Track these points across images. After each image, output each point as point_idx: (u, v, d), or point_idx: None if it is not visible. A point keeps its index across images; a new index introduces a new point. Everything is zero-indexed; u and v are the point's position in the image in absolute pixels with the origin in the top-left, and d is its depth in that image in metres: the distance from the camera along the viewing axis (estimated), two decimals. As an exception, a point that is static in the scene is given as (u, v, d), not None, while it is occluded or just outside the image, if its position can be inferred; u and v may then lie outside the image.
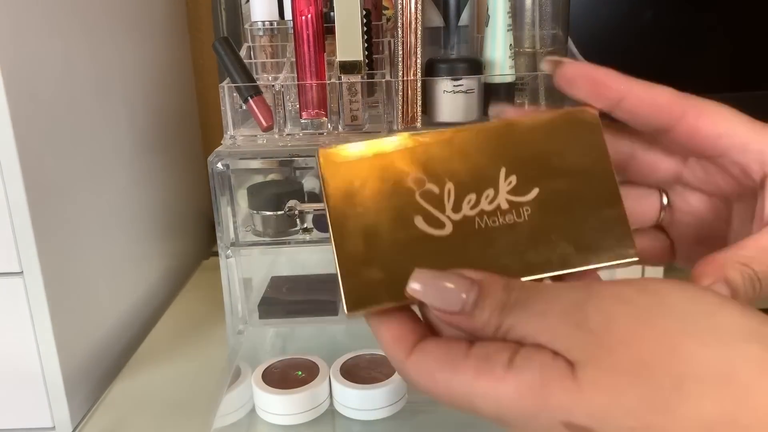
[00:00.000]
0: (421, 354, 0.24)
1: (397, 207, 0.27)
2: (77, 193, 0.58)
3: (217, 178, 0.52)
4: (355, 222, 0.27)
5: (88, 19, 0.62)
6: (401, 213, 0.27)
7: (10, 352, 0.53)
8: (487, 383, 0.23)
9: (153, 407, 0.58)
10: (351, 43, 0.53)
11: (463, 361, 0.23)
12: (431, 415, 0.54)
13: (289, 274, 0.61)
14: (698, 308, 0.22)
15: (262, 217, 0.55)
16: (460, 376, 0.23)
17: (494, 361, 0.23)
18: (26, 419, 0.55)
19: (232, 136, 0.54)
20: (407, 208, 0.27)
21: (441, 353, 0.24)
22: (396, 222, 0.27)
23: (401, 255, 0.26)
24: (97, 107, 0.63)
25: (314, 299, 0.58)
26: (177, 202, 0.83)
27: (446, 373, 0.24)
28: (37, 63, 0.52)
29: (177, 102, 0.85)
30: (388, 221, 0.27)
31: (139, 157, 0.72)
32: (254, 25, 0.60)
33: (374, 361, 0.55)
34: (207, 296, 0.77)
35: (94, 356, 0.60)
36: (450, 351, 0.24)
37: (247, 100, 0.53)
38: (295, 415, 0.52)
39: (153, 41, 0.78)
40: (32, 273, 0.51)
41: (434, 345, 0.25)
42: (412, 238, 0.27)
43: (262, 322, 0.57)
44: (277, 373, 0.54)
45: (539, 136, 0.28)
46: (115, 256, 0.66)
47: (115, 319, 0.65)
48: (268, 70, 0.60)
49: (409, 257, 0.26)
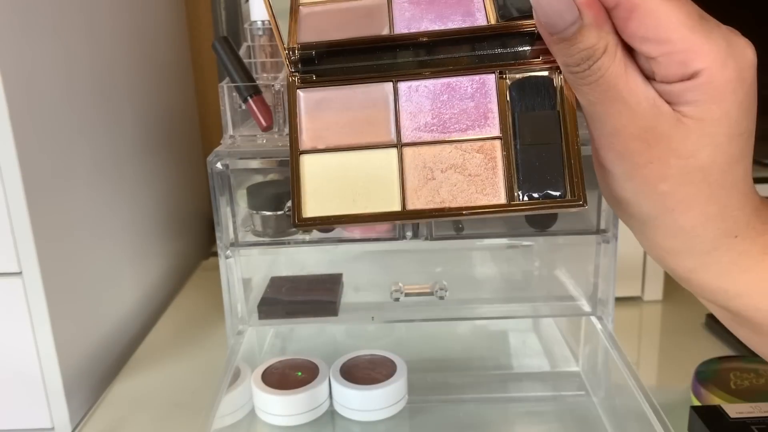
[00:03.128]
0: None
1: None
2: (76, 193, 0.58)
3: (216, 178, 0.52)
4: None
5: (87, 18, 0.62)
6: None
7: (9, 353, 0.53)
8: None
9: (152, 408, 0.57)
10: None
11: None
12: (431, 415, 0.54)
13: (288, 274, 0.61)
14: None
15: (262, 217, 0.55)
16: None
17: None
18: (25, 420, 0.55)
19: (232, 135, 0.54)
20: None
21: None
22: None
23: None
24: (96, 107, 0.62)
25: (314, 299, 0.58)
26: (176, 202, 0.83)
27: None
28: (35, 62, 0.52)
29: (176, 102, 0.85)
30: None
31: (139, 157, 0.72)
32: (254, 24, 0.59)
33: (374, 362, 0.55)
34: (206, 296, 0.77)
35: (93, 356, 0.60)
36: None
37: (247, 99, 0.53)
38: (294, 415, 0.52)
39: (152, 41, 0.78)
40: (31, 273, 0.51)
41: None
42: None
43: (262, 323, 0.57)
44: (276, 374, 0.54)
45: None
46: (114, 256, 0.66)
47: (115, 320, 0.65)
48: (268, 70, 0.60)
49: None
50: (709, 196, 0.29)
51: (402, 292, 0.57)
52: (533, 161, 0.30)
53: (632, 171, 0.29)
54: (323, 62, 0.33)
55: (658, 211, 0.30)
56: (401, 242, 0.54)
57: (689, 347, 0.64)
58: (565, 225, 0.54)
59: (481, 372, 0.60)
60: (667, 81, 0.27)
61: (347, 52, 0.32)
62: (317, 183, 0.31)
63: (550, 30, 0.28)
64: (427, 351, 0.63)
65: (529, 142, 0.31)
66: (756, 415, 0.41)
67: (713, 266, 0.30)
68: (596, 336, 0.55)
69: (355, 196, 0.31)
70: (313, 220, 0.31)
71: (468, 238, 0.55)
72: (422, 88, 0.32)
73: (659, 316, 0.72)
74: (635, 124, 0.28)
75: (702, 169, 0.28)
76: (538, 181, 0.30)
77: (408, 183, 0.31)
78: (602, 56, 0.27)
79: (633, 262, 0.72)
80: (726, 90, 0.27)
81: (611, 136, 0.29)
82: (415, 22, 0.33)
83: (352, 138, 0.32)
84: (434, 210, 0.30)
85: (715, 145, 0.28)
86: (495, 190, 0.30)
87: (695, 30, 0.26)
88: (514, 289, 0.63)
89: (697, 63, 0.26)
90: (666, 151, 0.28)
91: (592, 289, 0.56)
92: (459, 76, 0.32)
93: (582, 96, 0.29)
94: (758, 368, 0.52)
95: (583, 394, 0.56)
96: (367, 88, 0.32)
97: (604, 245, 0.54)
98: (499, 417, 0.53)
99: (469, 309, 0.59)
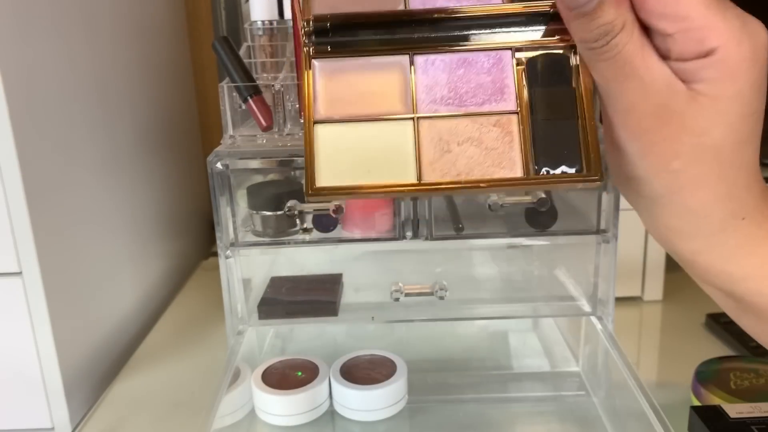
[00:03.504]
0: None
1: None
2: (76, 193, 0.58)
3: (216, 178, 0.52)
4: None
5: (87, 18, 0.62)
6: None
7: (8, 353, 0.53)
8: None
9: (152, 408, 0.57)
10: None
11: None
12: (431, 415, 0.54)
13: (288, 274, 0.61)
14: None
15: (262, 217, 0.55)
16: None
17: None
18: (25, 420, 0.55)
19: (232, 135, 0.54)
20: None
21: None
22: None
23: None
24: (96, 107, 0.62)
25: (314, 299, 0.57)
26: (176, 202, 0.83)
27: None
28: (36, 63, 0.52)
29: (176, 102, 0.85)
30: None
31: (139, 157, 0.72)
32: (254, 24, 0.59)
33: (374, 362, 0.55)
34: (206, 296, 0.77)
35: (93, 356, 0.60)
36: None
37: (247, 99, 0.53)
38: (294, 415, 0.52)
39: (152, 40, 0.78)
40: (31, 273, 0.51)
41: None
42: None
43: (262, 323, 0.57)
44: (276, 374, 0.54)
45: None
46: (114, 256, 0.66)
47: (115, 320, 0.65)
48: (268, 70, 0.60)
49: None
50: (719, 175, 0.29)
51: (402, 292, 0.57)
52: (550, 136, 0.30)
53: (645, 148, 0.29)
54: (338, 35, 0.32)
55: (669, 190, 0.30)
56: (401, 242, 0.54)
57: (689, 347, 0.64)
58: (565, 225, 0.54)
59: (481, 372, 0.60)
60: (682, 58, 0.28)
61: (362, 26, 0.32)
62: (331, 153, 0.31)
63: (570, 4, 0.28)
64: (427, 351, 0.63)
65: (546, 117, 0.31)
66: (756, 415, 0.41)
67: (719, 248, 0.30)
68: (596, 336, 0.55)
69: (369, 167, 0.30)
70: (327, 189, 0.30)
71: (468, 238, 0.55)
72: (438, 61, 0.32)
73: (659, 316, 0.72)
74: (650, 101, 0.28)
75: (714, 147, 0.28)
76: (555, 156, 0.30)
77: (424, 155, 0.31)
78: (620, 32, 0.27)
79: (633, 262, 0.72)
80: (740, 68, 0.27)
81: (626, 113, 0.29)
82: (430, 1, 0.33)
83: (367, 109, 0.31)
84: (451, 182, 0.30)
85: (728, 123, 0.28)
86: (512, 164, 0.30)
87: (711, 8, 0.27)
88: (514, 289, 0.63)
89: (713, 40, 0.27)
90: (679, 129, 0.28)
91: (592, 289, 0.56)
92: (476, 51, 0.32)
93: (598, 73, 0.29)
94: (758, 368, 0.52)
95: (583, 394, 0.56)
96: (383, 60, 0.32)
97: (604, 245, 0.54)
98: (499, 417, 0.53)
99: (469, 309, 0.59)
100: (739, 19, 0.27)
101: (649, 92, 0.28)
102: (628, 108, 0.29)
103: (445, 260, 0.60)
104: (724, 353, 0.59)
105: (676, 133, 0.28)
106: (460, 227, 0.54)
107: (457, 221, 0.55)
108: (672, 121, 0.28)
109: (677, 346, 0.66)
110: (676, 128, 0.28)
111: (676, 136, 0.28)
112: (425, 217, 0.54)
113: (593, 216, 0.54)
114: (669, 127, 0.28)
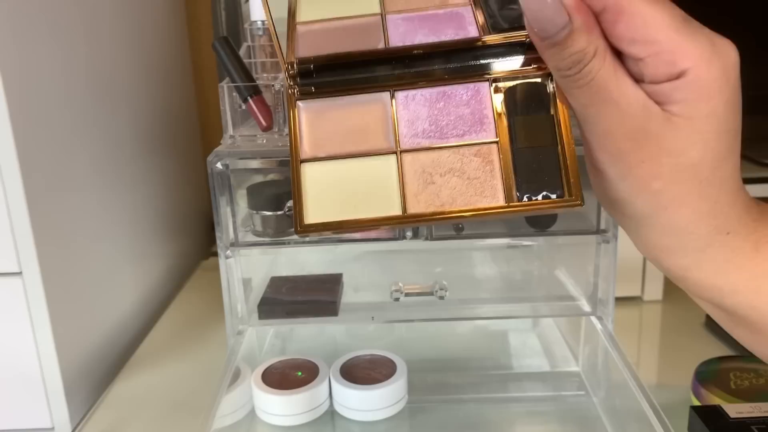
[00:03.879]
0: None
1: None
2: (76, 193, 0.58)
3: (216, 178, 0.52)
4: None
5: (87, 18, 0.62)
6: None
7: (8, 353, 0.53)
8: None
9: (152, 408, 0.57)
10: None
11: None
12: (431, 415, 0.54)
13: (288, 274, 0.61)
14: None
15: (262, 217, 0.55)
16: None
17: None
18: (25, 420, 0.55)
19: (232, 135, 0.54)
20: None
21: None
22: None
23: None
24: (96, 107, 0.62)
25: (314, 299, 0.58)
26: (176, 202, 0.83)
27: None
28: (36, 63, 0.52)
29: (176, 102, 0.85)
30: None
31: (139, 157, 0.72)
32: (254, 24, 0.59)
33: (374, 362, 0.55)
34: (206, 296, 0.77)
35: (93, 356, 0.60)
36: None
37: (247, 99, 0.53)
38: (294, 415, 0.52)
39: (152, 41, 0.78)
40: (31, 273, 0.51)
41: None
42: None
43: (262, 323, 0.57)
44: (276, 374, 0.54)
45: None
46: (114, 256, 0.66)
47: (115, 320, 0.65)
48: (268, 70, 0.60)
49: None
50: (700, 193, 0.29)
51: (402, 292, 0.57)
52: (530, 163, 0.31)
53: (625, 171, 0.30)
54: (321, 75, 0.33)
55: (652, 210, 0.30)
56: (401, 242, 0.54)
57: (689, 347, 0.64)
58: (565, 225, 0.54)
59: (481, 372, 0.60)
60: (655, 81, 0.28)
61: (344, 66, 0.33)
62: (318, 190, 0.32)
63: (541, 35, 0.28)
64: (427, 351, 0.63)
65: (525, 145, 0.31)
66: (756, 415, 0.41)
67: (707, 264, 0.31)
68: (596, 336, 0.55)
69: (356, 202, 0.31)
70: (316, 226, 0.31)
71: (468, 238, 0.55)
72: (419, 96, 0.33)
73: (659, 316, 0.72)
74: (626, 124, 0.28)
75: (693, 166, 0.29)
76: (536, 183, 0.31)
77: (408, 188, 0.31)
78: (592, 59, 0.28)
79: (633, 262, 0.72)
80: (713, 88, 0.27)
81: (603, 138, 0.29)
82: (409, 37, 0.34)
83: (351, 146, 0.32)
84: (435, 213, 0.31)
85: (704, 142, 0.28)
86: (494, 192, 0.31)
87: (680, 31, 0.27)
88: (514, 289, 0.63)
89: (683, 62, 0.27)
90: (657, 150, 0.28)
91: (592, 289, 0.56)
92: (454, 84, 0.33)
93: (574, 99, 0.30)
94: (758, 368, 0.52)
95: (583, 394, 0.56)
96: (365, 97, 0.33)
97: (604, 245, 0.54)
98: (499, 417, 0.53)
99: (469, 309, 0.59)
100: (708, 40, 0.27)
101: (625, 116, 0.28)
102: (605, 132, 0.29)
103: (445, 260, 0.60)
104: (724, 353, 0.59)
105: (655, 155, 0.29)
106: (460, 227, 0.55)
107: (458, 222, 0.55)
108: (649, 143, 0.28)
109: (677, 346, 0.66)
110: (654, 150, 0.29)
111: (654, 158, 0.29)
112: (425, 217, 0.54)
113: (593, 216, 0.54)
114: (647, 149, 0.29)
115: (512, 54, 0.33)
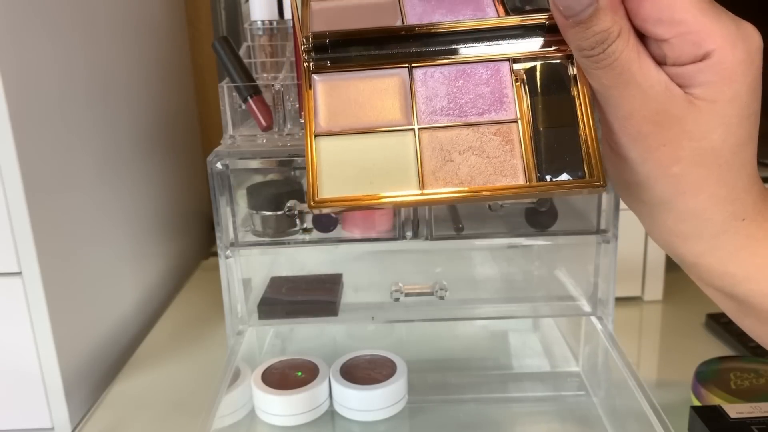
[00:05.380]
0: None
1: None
2: (76, 193, 0.58)
3: (216, 178, 0.52)
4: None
5: (87, 18, 0.62)
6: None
7: (8, 353, 0.53)
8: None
9: (152, 408, 0.57)
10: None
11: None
12: (431, 415, 0.54)
13: (288, 274, 0.61)
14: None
15: (262, 217, 0.55)
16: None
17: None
18: (25, 420, 0.55)
19: (232, 135, 0.54)
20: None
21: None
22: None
23: None
24: (95, 107, 0.62)
25: (314, 299, 0.58)
26: (176, 202, 0.83)
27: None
28: (35, 63, 0.52)
29: (176, 102, 0.85)
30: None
31: (139, 157, 0.72)
32: (254, 24, 0.59)
33: (374, 362, 0.55)
34: (206, 296, 0.77)
35: (93, 356, 0.60)
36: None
37: (247, 99, 0.53)
38: (294, 416, 0.52)
39: (152, 40, 0.78)
40: (31, 273, 0.51)
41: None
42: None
43: (262, 323, 0.57)
44: (276, 374, 0.54)
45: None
46: (114, 256, 0.66)
47: (115, 320, 0.65)
48: (268, 70, 0.60)
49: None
50: (719, 178, 0.29)
51: (402, 292, 0.57)
52: (552, 143, 0.31)
53: (645, 154, 0.29)
54: (336, 51, 0.33)
55: (670, 195, 0.30)
56: (401, 242, 0.54)
57: (689, 347, 0.64)
58: (565, 225, 0.54)
59: (481, 372, 0.60)
60: (679, 63, 0.28)
61: (360, 42, 0.33)
62: (332, 165, 0.31)
63: (566, 13, 0.28)
64: (427, 351, 0.63)
65: (546, 125, 0.31)
66: (756, 415, 0.41)
67: (721, 250, 0.31)
68: (596, 336, 0.55)
69: (371, 177, 0.31)
70: (329, 201, 0.30)
71: (468, 238, 0.55)
72: (437, 74, 0.32)
73: (659, 316, 0.72)
74: (648, 107, 0.28)
75: (713, 150, 0.28)
76: (557, 163, 0.30)
77: (426, 165, 0.31)
78: (616, 39, 0.28)
79: (633, 262, 0.72)
80: (737, 71, 0.27)
81: (625, 120, 0.29)
82: (426, 17, 0.33)
83: (367, 121, 0.32)
84: (454, 191, 0.30)
85: (727, 126, 0.28)
86: (514, 171, 0.30)
87: (706, 12, 0.27)
88: (514, 289, 0.63)
89: (708, 44, 0.27)
90: (679, 134, 0.28)
91: (592, 289, 0.56)
92: (473, 62, 0.32)
93: (596, 81, 0.30)
94: (758, 368, 0.52)
95: (583, 394, 0.56)
96: (382, 73, 0.33)
97: (604, 245, 0.54)
98: (499, 417, 0.53)
99: (469, 309, 0.59)
100: (733, 23, 0.27)
101: (647, 98, 0.28)
102: (626, 114, 0.29)
103: (445, 260, 0.60)
104: (724, 353, 0.59)
105: (676, 138, 0.28)
106: (460, 227, 0.55)
107: (457, 221, 0.55)
108: (671, 126, 0.28)
109: (677, 346, 0.66)
110: (676, 133, 0.28)
111: (675, 141, 0.29)
112: (425, 217, 0.54)
113: (593, 216, 0.54)
114: (668, 132, 0.28)
115: (531, 36, 0.32)
